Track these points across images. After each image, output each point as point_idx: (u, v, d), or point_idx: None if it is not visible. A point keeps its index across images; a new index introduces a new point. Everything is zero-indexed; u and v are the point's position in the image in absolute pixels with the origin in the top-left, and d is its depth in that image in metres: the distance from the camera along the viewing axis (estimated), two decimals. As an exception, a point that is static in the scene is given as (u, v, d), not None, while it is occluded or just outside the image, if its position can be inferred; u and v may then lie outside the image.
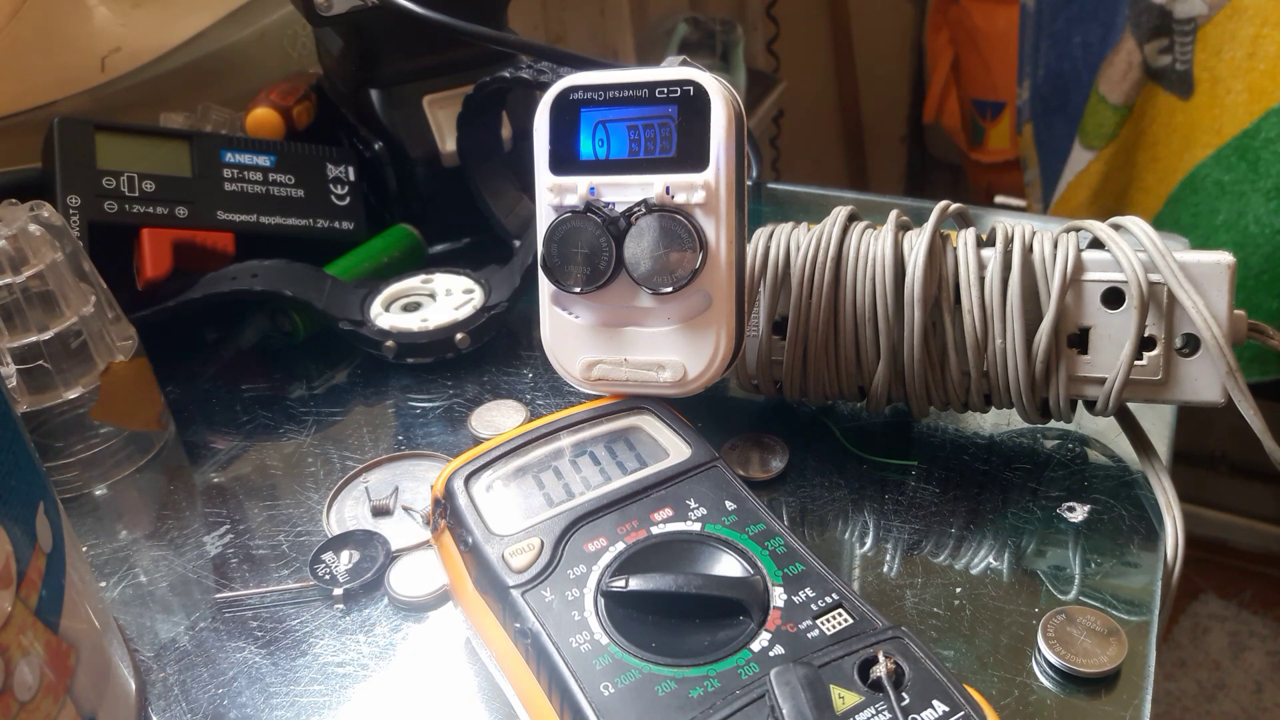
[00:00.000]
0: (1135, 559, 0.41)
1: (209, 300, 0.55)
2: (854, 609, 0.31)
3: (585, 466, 0.37)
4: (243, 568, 0.44)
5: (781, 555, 0.33)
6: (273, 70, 0.75)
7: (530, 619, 0.31)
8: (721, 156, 0.37)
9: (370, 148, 0.65)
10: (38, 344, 0.45)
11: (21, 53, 0.67)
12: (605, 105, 0.38)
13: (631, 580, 0.32)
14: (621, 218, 0.38)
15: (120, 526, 0.47)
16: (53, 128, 0.57)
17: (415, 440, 0.50)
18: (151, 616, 0.42)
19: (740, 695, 0.29)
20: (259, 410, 0.54)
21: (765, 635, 0.31)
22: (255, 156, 0.62)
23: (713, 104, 0.37)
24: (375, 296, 0.57)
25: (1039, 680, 0.37)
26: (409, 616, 0.41)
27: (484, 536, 0.34)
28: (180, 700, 0.38)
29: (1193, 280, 0.40)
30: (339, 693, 0.38)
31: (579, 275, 0.39)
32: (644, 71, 0.37)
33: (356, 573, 0.42)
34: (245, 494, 0.48)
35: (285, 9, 0.75)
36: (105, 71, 0.70)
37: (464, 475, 0.37)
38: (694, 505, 0.35)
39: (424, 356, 0.54)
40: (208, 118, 0.70)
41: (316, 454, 0.50)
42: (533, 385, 0.53)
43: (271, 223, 0.61)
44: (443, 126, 0.63)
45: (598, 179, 0.38)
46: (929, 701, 0.28)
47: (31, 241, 0.44)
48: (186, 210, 0.59)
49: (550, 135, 0.39)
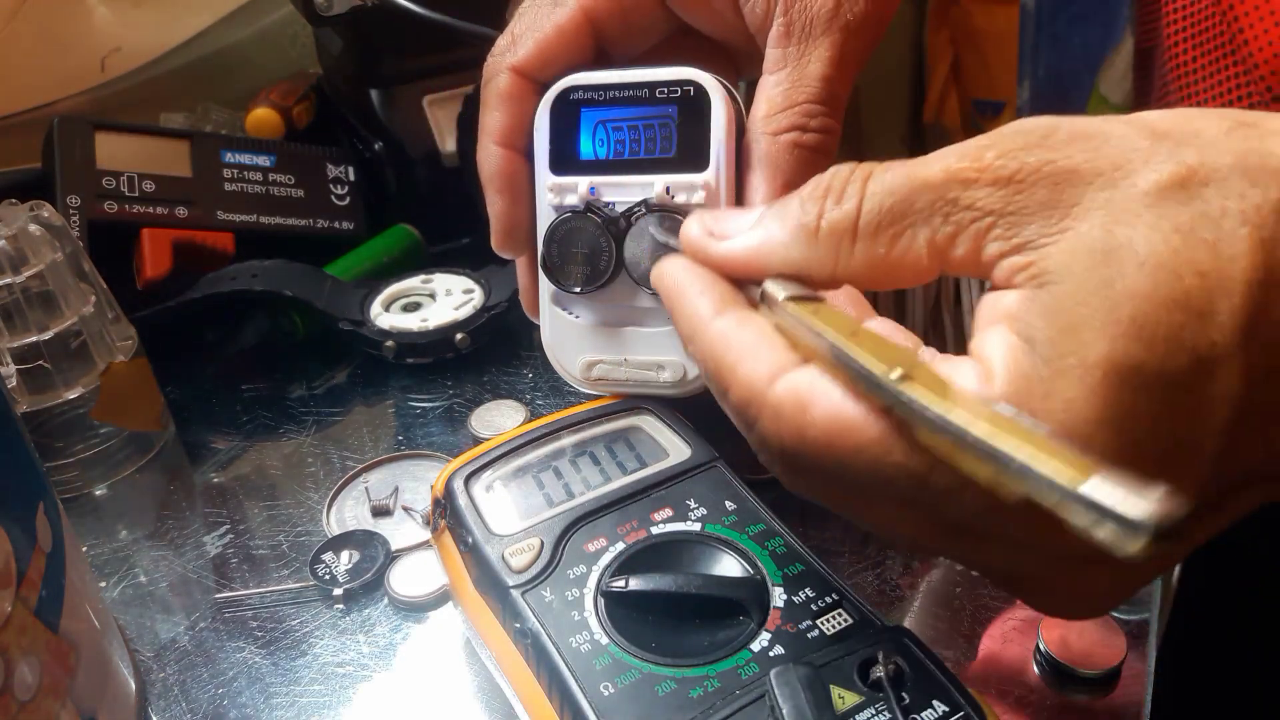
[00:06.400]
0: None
1: (209, 300, 0.55)
2: (854, 609, 0.31)
3: (585, 466, 0.37)
4: (243, 568, 0.44)
5: (781, 555, 0.33)
6: (273, 70, 0.75)
7: (530, 619, 0.31)
8: (722, 157, 0.37)
9: (370, 148, 0.65)
10: (38, 344, 0.45)
11: (21, 53, 0.67)
12: (605, 105, 0.38)
13: (631, 580, 0.32)
14: (621, 218, 0.38)
15: (120, 526, 0.47)
16: (53, 128, 0.57)
17: (415, 440, 0.50)
18: (151, 616, 0.42)
19: (740, 695, 0.29)
20: (259, 410, 0.54)
21: (765, 635, 0.31)
22: (255, 156, 0.62)
23: (713, 104, 0.36)
24: (375, 296, 0.57)
25: (1039, 680, 0.37)
26: (409, 616, 0.41)
27: (484, 536, 0.34)
28: (180, 700, 0.38)
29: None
30: (339, 693, 0.38)
31: (579, 275, 0.39)
32: (644, 71, 0.37)
33: (356, 573, 0.42)
34: (245, 494, 0.48)
35: (285, 9, 0.75)
36: (105, 71, 0.70)
37: (464, 475, 0.37)
38: (694, 505, 0.35)
39: (424, 356, 0.54)
40: (208, 118, 0.70)
41: (316, 454, 0.50)
42: (533, 385, 0.53)
43: (271, 223, 0.61)
44: (443, 126, 0.63)
45: (598, 179, 0.38)
46: (929, 701, 0.28)
47: (31, 241, 0.44)
48: (186, 210, 0.59)
49: (550, 135, 0.39)
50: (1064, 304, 0.23)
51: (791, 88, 0.35)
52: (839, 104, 0.36)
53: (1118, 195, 0.23)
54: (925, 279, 0.27)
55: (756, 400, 0.26)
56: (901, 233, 0.26)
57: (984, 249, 0.25)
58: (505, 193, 0.38)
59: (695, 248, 0.31)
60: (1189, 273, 0.22)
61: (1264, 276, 0.22)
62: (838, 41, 0.35)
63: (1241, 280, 0.22)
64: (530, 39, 0.37)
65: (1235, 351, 0.22)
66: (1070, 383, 0.23)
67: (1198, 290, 0.22)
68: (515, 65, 0.37)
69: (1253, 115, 0.24)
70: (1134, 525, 0.19)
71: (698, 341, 0.29)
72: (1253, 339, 0.22)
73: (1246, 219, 0.23)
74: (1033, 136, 0.25)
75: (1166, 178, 0.23)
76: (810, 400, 0.25)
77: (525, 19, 0.38)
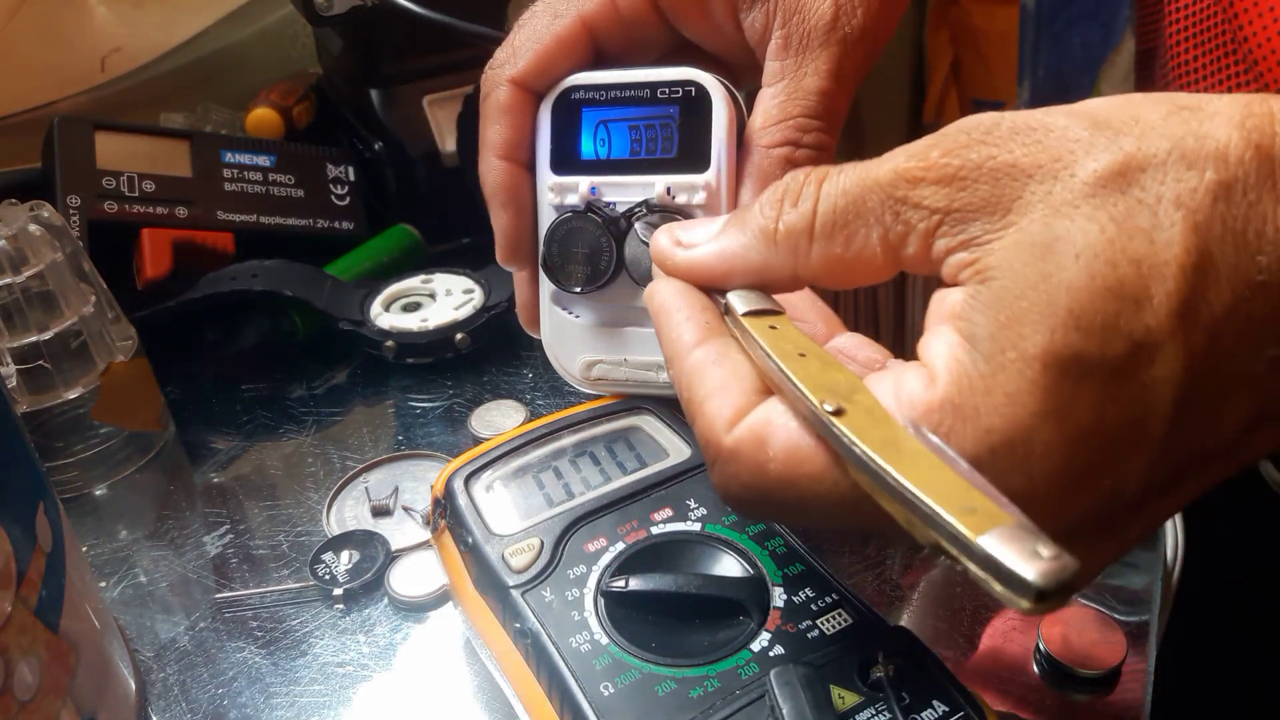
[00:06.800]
0: (1135, 559, 0.41)
1: (209, 300, 0.55)
2: (854, 609, 0.31)
3: (585, 466, 0.37)
4: (243, 568, 0.44)
5: (781, 555, 0.33)
6: (273, 70, 0.75)
7: (530, 619, 0.31)
8: (722, 157, 0.37)
9: (370, 148, 0.65)
10: (38, 344, 0.45)
11: (21, 53, 0.67)
12: (607, 105, 0.38)
13: (631, 580, 0.32)
14: (622, 218, 0.38)
15: (120, 526, 0.47)
16: (53, 128, 0.57)
17: (415, 440, 0.50)
18: (151, 616, 0.42)
19: (740, 695, 0.29)
20: (259, 410, 0.54)
21: (765, 635, 0.31)
22: (255, 156, 0.62)
23: (714, 105, 0.36)
24: (375, 296, 0.57)
25: (1039, 680, 0.37)
26: (409, 616, 0.41)
27: (484, 536, 0.34)
28: (180, 700, 0.38)
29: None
30: (339, 693, 0.38)
31: (579, 275, 0.39)
32: (646, 72, 0.37)
33: (356, 573, 0.42)
34: (245, 494, 0.48)
35: (285, 9, 0.75)
36: (105, 71, 0.70)
37: (464, 475, 0.37)
38: (694, 505, 0.35)
39: (424, 356, 0.54)
40: (208, 118, 0.70)
41: (316, 454, 0.50)
42: (533, 385, 0.53)
43: (271, 223, 0.61)
44: (443, 126, 0.63)
45: (599, 179, 0.38)
46: (929, 701, 0.28)
47: (31, 241, 0.44)
48: (186, 210, 0.59)
49: (552, 135, 0.39)
50: (1003, 299, 0.23)
51: (787, 100, 0.36)
52: (835, 118, 0.36)
53: (1057, 188, 0.24)
54: (883, 276, 0.28)
55: (714, 444, 0.27)
56: (855, 233, 0.27)
57: (933, 246, 0.25)
58: (509, 206, 0.39)
59: (662, 258, 0.32)
60: (1124, 261, 0.23)
61: (1198, 260, 0.22)
62: (835, 55, 0.35)
63: (1176, 265, 0.22)
64: (530, 50, 0.37)
65: (1172, 336, 0.22)
66: (1010, 377, 0.23)
67: (1133, 278, 0.23)
68: (514, 78, 0.38)
69: (1195, 99, 0.24)
70: (1023, 585, 0.20)
71: (675, 369, 0.30)
72: (1190, 322, 0.23)
73: (1180, 203, 0.23)
74: (976, 133, 0.25)
75: (1104, 168, 0.24)
76: (768, 436, 0.26)
77: (525, 31, 0.38)
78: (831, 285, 0.29)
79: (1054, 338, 0.23)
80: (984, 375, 0.23)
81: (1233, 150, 0.23)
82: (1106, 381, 0.23)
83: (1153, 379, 0.23)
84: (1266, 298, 0.23)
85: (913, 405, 0.24)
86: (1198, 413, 0.23)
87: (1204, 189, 0.23)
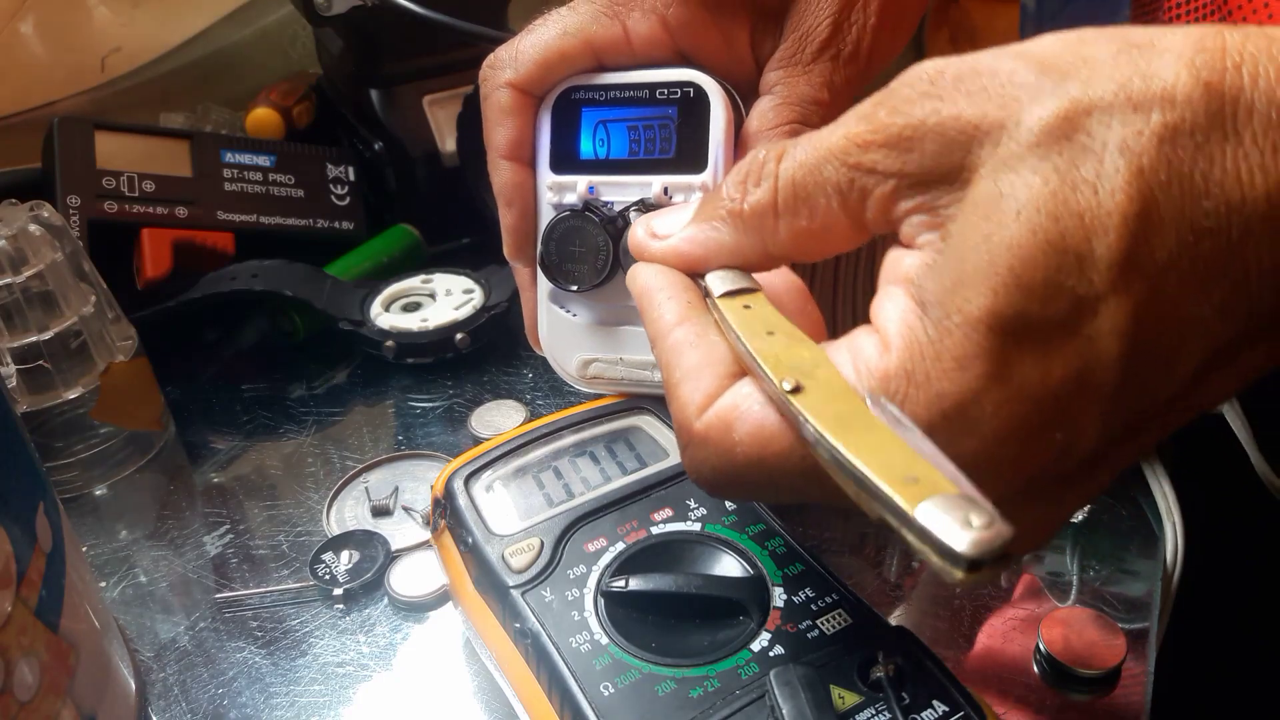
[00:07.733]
0: (1134, 561, 0.41)
1: (209, 300, 0.55)
2: (854, 609, 0.31)
3: (585, 466, 0.37)
4: (243, 568, 0.44)
5: (781, 555, 0.33)
6: (273, 70, 0.75)
7: (530, 619, 0.31)
8: (720, 158, 0.37)
9: (370, 148, 0.65)
10: (38, 344, 0.45)
11: (21, 53, 0.67)
12: (606, 105, 0.38)
13: (631, 580, 0.32)
14: (619, 217, 0.38)
15: (120, 526, 0.47)
16: (53, 128, 0.57)
17: (415, 440, 0.50)
18: (151, 616, 0.42)
19: (740, 695, 0.29)
20: (259, 410, 0.54)
21: (765, 635, 0.31)
22: (255, 156, 0.62)
23: (712, 106, 0.37)
24: (375, 296, 0.57)
25: (1039, 680, 0.37)
26: (409, 616, 0.41)
27: (484, 536, 0.34)
28: (180, 700, 0.38)
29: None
30: (339, 693, 0.38)
31: (577, 274, 0.39)
32: (645, 73, 0.37)
33: (356, 573, 0.42)
34: (245, 494, 0.48)
35: (285, 9, 0.75)
36: (105, 71, 0.70)
37: (464, 475, 0.37)
38: (694, 505, 0.35)
39: (424, 356, 0.54)
40: (208, 118, 0.70)
41: (316, 454, 0.50)
42: (533, 385, 0.53)
43: (271, 223, 0.61)
44: (443, 126, 0.63)
45: (597, 178, 0.38)
46: (929, 701, 0.28)
47: (31, 241, 0.44)
48: (186, 210, 0.59)
49: (551, 134, 0.39)
50: (950, 262, 0.23)
51: (782, 104, 0.37)
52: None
53: (1005, 141, 0.23)
54: (855, 243, 0.28)
55: (685, 430, 0.27)
56: (816, 204, 0.27)
57: (894, 209, 0.25)
58: (516, 204, 0.40)
59: (640, 250, 0.32)
60: (1066, 214, 0.22)
61: (1141, 208, 0.22)
62: (827, 69, 0.37)
63: (1119, 215, 0.22)
64: (531, 59, 0.38)
65: (1113, 288, 0.22)
66: (957, 341, 0.23)
67: (1074, 231, 0.22)
68: (513, 81, 0.38)
69: (1148, 34, 0.24)
70: (954, 555, 0.20)
71: (657, 349, 0.30)
72: (1135, 273, 0.22)
73: (1125, 149, 0.22)
74: (920, 85, 0.25)
75: (1050, 115, 0.23)
76: (734, 421, 0.26)
77: (532, 37, 0.38)
78: (804, 258, 0.29)
79: (996, 299, 0.22)
80: (933, 341, 0.23)
81: (1180, 90, 0.22)
82: (1049, 338, 0.23)
83: (1097, 331, 0.22)
84: (1214, 241, 0.22)
85: (870, 374, 0.24)
86: (1148, 361, 0.23)
87: (1150, 132, 0.22)
